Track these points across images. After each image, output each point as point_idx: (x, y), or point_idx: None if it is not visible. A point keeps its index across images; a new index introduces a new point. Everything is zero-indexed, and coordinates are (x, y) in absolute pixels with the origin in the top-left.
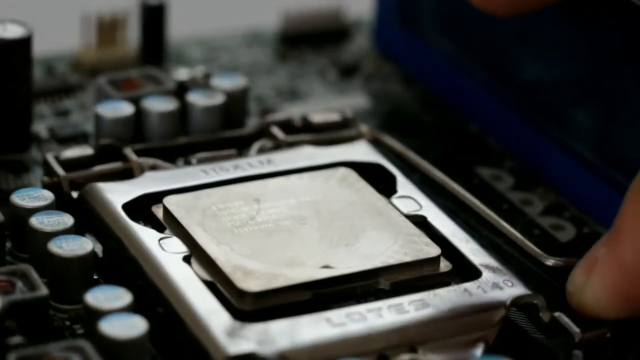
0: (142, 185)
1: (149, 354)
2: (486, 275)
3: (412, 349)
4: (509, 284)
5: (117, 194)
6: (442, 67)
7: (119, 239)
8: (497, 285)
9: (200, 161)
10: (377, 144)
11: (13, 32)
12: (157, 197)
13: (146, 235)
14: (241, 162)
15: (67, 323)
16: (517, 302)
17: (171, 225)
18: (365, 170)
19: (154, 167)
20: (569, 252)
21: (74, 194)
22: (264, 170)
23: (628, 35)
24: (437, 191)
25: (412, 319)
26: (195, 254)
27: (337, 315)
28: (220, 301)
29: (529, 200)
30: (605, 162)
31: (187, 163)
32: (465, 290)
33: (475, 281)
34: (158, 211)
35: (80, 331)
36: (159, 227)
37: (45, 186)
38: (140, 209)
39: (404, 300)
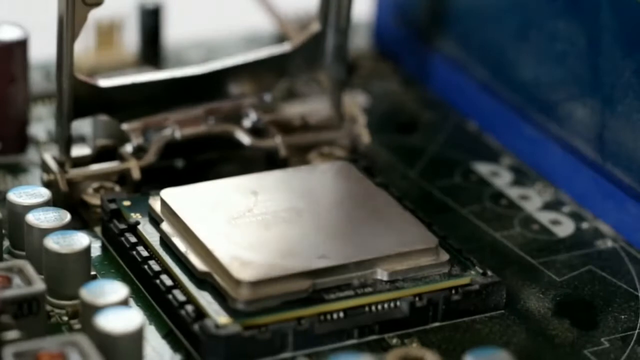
0: None
1: (144, 347)
2: None
3: None
4: None
5: None
6: (441, 65)
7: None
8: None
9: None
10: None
11: (10, 34)
12: None
13: None
14: None
15: (65, 319)
16: None
17: (169, 217)
18: None
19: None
20: (568, 247)
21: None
22: None
23: (626, 30)
24: None
25: None
26: (193, 245)
27: None
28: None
29: (528, 195)
30: (604, 157)
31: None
32: None
33: None
34: (155, 204)
35: (78, 326)
36: (156, 219)
37: (45, 184)
38: None
39: None
